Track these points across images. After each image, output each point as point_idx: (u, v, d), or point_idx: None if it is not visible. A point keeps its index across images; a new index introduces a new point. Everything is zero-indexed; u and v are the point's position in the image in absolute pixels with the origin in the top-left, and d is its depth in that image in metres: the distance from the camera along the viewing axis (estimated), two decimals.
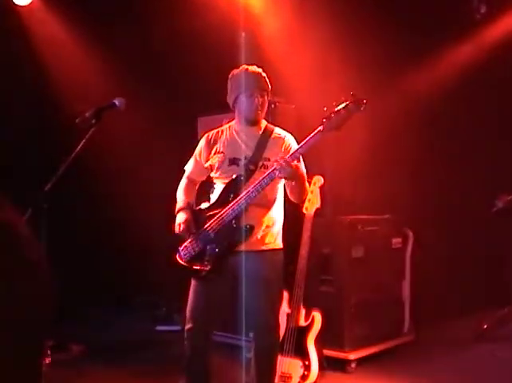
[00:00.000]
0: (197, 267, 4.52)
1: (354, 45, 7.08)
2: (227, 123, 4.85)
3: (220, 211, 4.50)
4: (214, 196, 4.66)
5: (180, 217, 4.64)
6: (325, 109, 4.29)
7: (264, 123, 4.75)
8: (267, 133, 4.66)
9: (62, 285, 5.13)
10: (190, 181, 4.87)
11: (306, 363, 5.32)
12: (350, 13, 7.15)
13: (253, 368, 4.73)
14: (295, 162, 4.35)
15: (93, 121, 4.21)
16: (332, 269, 6.29)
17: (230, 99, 4.71)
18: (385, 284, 6.62)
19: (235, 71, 4.72)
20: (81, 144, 4.15)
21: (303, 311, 5.43)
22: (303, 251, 5.33)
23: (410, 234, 6.85)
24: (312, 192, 5.31)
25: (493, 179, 7.90)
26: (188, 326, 4.58)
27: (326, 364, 5.54)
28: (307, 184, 4.64)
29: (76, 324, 7.74)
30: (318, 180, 5.36)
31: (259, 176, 4.42)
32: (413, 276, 6.88)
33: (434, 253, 7.56)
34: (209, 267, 4.47)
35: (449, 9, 7.64)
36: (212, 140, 4.75)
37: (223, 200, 4.52)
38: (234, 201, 4.44)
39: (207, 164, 4.71)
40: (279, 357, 5.20)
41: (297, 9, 7.17)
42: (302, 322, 5.42)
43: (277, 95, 6.51)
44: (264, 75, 4.68)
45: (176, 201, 4.79)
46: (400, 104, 7.36)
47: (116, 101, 4.29)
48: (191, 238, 4.58)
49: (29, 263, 1.74)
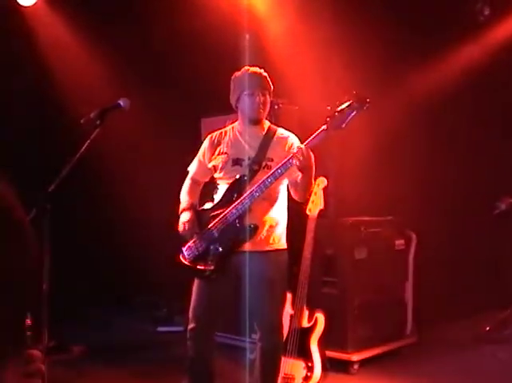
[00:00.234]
0: (201, 267, 4.52)
1: (357, 47, 7.08)
2: (231, 124, 4.85)
3: (224, 211, 4.50)
4: (217, 196, 4.66)
5: (184, 217, 4.63)
6: (329, 108, 4.30)
7: (267, 123, 4.75)
8: (270, 133, 4.67)
9: (63, 285, 5.16)
10: (193, 182, 4.87)
11: (309, 364, 5.31)
12: (353, 14, 7.15)
13: (256, 369, 4.73)
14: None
15: (98, 122, 4.19)
16: (335, 270, 6.29)
17: (233, 99, 4.73)
18: (388, 286, 6.62)
19: (237, 73, 4.74)
20: (86, 145, 4.13)
21: (306, 312, 5.42)
22: (306, 253, 5.32)
23: (413, 236, 6.84)
24: (315, 194, 5.30)
25: (496, 181, 7.91)
26: (191, 326, 4.59)
27: (329, 365, 5.53)
28: (312, 181, 4.61)
29: (76, 324, 7.75)
30: (322, 182, 5.35)
31: (262, 176, 4.41)
32: (416, 278, 6.87)
33: (436, 255, 7.56)
34: (212, 267, 4.47)
35: (453, 10, 7.65)
36: (216, 141, 4.75)
37: (227, 200, 4.53)
38: (238, 201, 4.45)
39: (211, 165, 4.71)
40: (282, 358, 5.21)
41: (301, 10, 7.16)
42: (305, 323, 5.41)
43: (280, 96, 6.51)
44: (265, 75, 4.69)
45: (180, 202, 4.78)
46: (404, 106, 7.36)
47: (121, 102, 4.28)
48: (195, 238, 4.58)
49: (14, 223, 1.76)
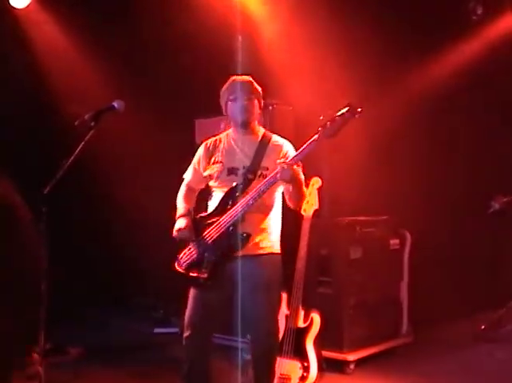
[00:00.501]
0: (194, 275, 4.53)
1: (351, 47, 7.09)
2: (224, 125, 4.86)
3: (218, 219, 4.51)
4: (213, 204, 4.67)
5: (180, 223, 4.64)
6: (321, 118, 4.34)
7: (262, 130, 4.76)
8: (265, 141, 4.67)
9: (60, 286, 5.15)
10: (189, 189, 4.88)
11: (305, 364, 5.31)
12: (349, 13, 7.15)
13: (251, 372, 4.74)
14: (295, 167, 4.38)
15: (92, 124, 4.19)
16: (330, 270, 6.31)
17: (223, 109, 4.75)
18: (383, 285, 6.63)
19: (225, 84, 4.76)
20: (80, 147, 4.13)
21: (302, 312, 5.42)
22: (301, 253, 5.33)
23: (408, 235, 6.86)
24: (310, 194, 5.30)
25: (494, 180, 7.92)
26: (186, 334, 4.59)
27: (325, 365, 5.53)
28: (305, 189, 4.65)
29: (73, 325, 7.75)
30: (316, 182, 5.35)
31: (257, 185, 4.43)
32: (411, 277, 6.89)
33: (433, 254, 7.58)
34: (206, 275, 4.48)
35: (446, 10, 7.66)
36: (211, 149, 4.76)
37: (222, 208, 4.53)
38: (233, 209, 4.46)
39: (206, 173, 4.71)
40: (278, 359, 5.22)
41: (295, 9, 7.16)
42: (301, 324, 5.41)
43: (274, 97, 6.52)
44: (250, 80, 4.70)
45: (176, 208, 4.79)
46: (401, 105, 7.37)
47: (115, 104, 4.28)
48: (190, 245, 4.59)
49: (17, 221, 1.82)
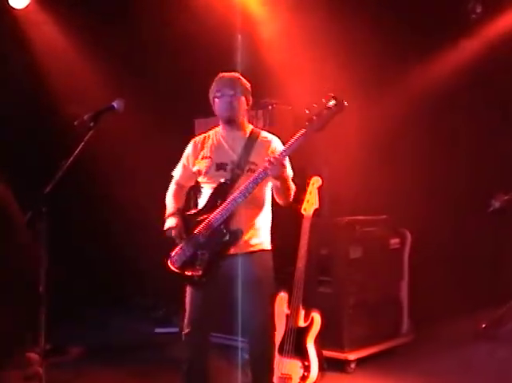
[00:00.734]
0: (189, 273, 4.53)
1: (351, 47, 7.09)
2: (213, 128, 4.88)
3: (209, 216, 4.51)
4: (202, 201, 4.69)
5: (171, 222, 4.67)
6: (307, 112, 4.35)
7: (250, 127, 4.79)
8: (253, 137, 4.69)
9: (60, 286, 5.15)
10: (179, 187, 4.90)
11: (306, 364, 5.32)
12: (349, 13, 7.16)
13: (249, 371, 4.76)
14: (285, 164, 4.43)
15: (92, 124, 4.19)
16: (330, 270, 6.31)
17: (212, 106, 4.78)
18: (383, 284, 6.63)
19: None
20: (80, 147, 4.13)
21: (302, 312, 5.42)
22: (302, 252, 5.32)
23: (408, 234, 6.85)
24: (310, 193, 5.31)
25: (496, 178, 7.92)
26: (186, 331, 4.62)
27: (326, 365, 5.54)
28: (292, 185, 4.65)
29: (74, 325, 7.74)
30: (316, 181, 5.35)
31: (246, 181, 4.44)
32: (411, 276, 6.88)
33: (433, 253, 7.58)
34: (200, 272, 4.49)
35: (445, 9, 7.66)
36: (199, 145, 4.78)
37: (211, 205, 4.55)
38: (222, 206, 4.46)
39: (195, 169, 4.74)
40: (279, 358, 5.24)
41: (295, 11, 7.17)
42: (301, 323, 5.41)
43: (274, 96, 6.51)
44: (237, 76, 4.73)
45: (166, 206, 4.82)
46: (399, 105, 7.37)
47: (115, 104, 4.28)
48: (182, 243, 4.60)
49: (10, 223, 1.84)
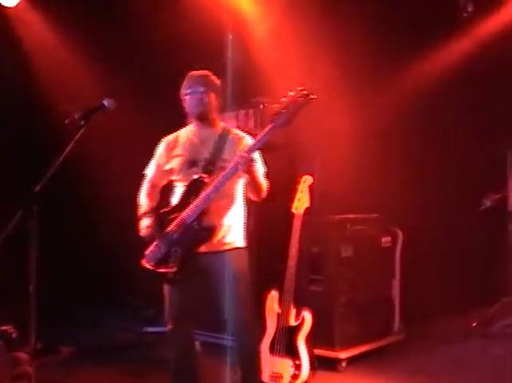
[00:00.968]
0: (163, 270, 4.54)
1: (343, 47, 7.09)
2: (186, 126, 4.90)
3: (182, 214, 4.52)
4: (175, 199, 4.71)
5: (145, 221, 4.71)
6: (276, 105, 4.40)
7: (222, 124, 4.82)
8: (225, 134, 4.72)
9: (51, 285, 5.14)
10: (151, 185, 4.91)
11: (297, 362, 5.32)
12: (340, 13, 7.16)
13: (238, 369, 4.80)
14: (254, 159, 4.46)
15: (82, 123, 4.18)
16: (321, 268, 6.31)
17: (182, 102, 4.82)
18: (375, 283, 6.64)
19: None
20: (71, 145, 4.12)
21: (293, 311, 5.42)
22: (293, 251, 5.33)
23: (399, 233, 6.86)
24: (301, 191, 5.33)
25: (483, 177, 7.94)
26: (168, 328, 4.69)
27: (317, 363, 5.54)
28: (264, 181, 4.67)
29: (65, 324, 7.73)
30: (307, 179, 5.37)
31: (218, 177, 4.46)
32: (403, 275, 6.89)
33: (424, 251, 7.59)
34: (174, 269, 4.50)
35: (437, 8, 7.67)
36: (171, 144, 4.82)
37: (184, 202, 4.56)
38: (195, 202, 4.48)
39: (168, 167, 4.77)
40: (270, 357, 5.24)
41: (287, 10, 7.16)
42: (292, 322, 5.41)
43: (265, 95, 6.51)
44: (206, 74, 4.77)
45: (139, 205, 4.86)
46: (391, 104, 7.38)
47: (105, 102, 4.27)
48: (156, 241, 4.60)
49: None
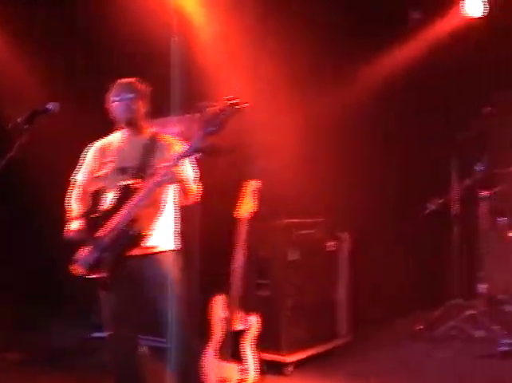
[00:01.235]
0: (95, 276, 4.53)
1: (286, 48, 7.10)
2: (114, 132, 4.89)
3: (112, 219, 4.51)
4: (105, 205, 4.70)
5: (75, 225, 4.71)
6: (202, 114, 4.44)
7: (151, 130, 4.83)
8: (154, 140, 4.75)
9: None
10: (81, 191, 4.90)
11: (243, 367, 5.30)
12: (283, 14, 7.16)
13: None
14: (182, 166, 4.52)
15: (26, 126, 4.14)
16: (268, 273, 6.33)
17: (109, 109, 4.82)
18: (321, 287, 6.67)
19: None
20: (14, 150, 4.08)
21: (240, 315, 5.42)
22: (238, 255, 5.33)
23: (346, 236, 6.90)
24: (245, 196, 5.34)
25: (427, 182, 8.05)
26: (106, 334, 4.74)
27: (265, 367, 5.54)
28: (191, 187, 4.72)
29: (11, 331, 7.63)
30: (252, 184, 5.38)
31: (148, 183, 4.47)
32: (351, 278, 6.93)
33: (372, 255, 7.65)
34: (105, 275, 4.50)
35: (384, 12, 7.76)
36: (101, 150, 4.83)
37: (115, 208, 4.55)
38: (125, 209, 4.48)
39: (98, 174, 4.78)
40: (217, 362, 5.22)
41: (231, 11, 7.16)
42: (239, 326, 5.40)
43: (210, 99, 6.50)
44: (132, 81, 4.78)
45: (68, 210, 4.84)
46: (338, 106, 7.40)
47: (50, 106, 4.24)
48: (87, 247, 4.58)
49: None
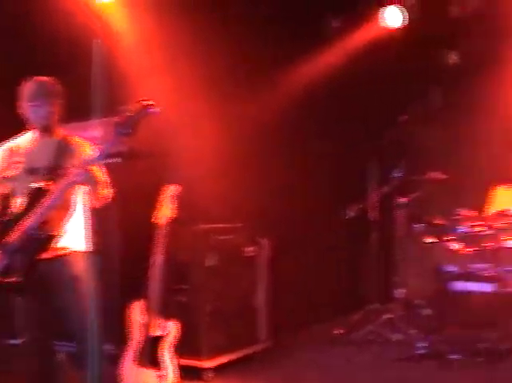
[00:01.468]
0: (8, 281, 4.45)
1: (207, 55, 7.10)
2: (25, 133, 4.86)
3: (23, 222, 4.45)
4: (16, 208, 4.62)
5: None
6: (115, 118, 4.38)
7: (62, 132, 4.80)
8: (65, 142, 4.72)
9: None
10: None
11: (162, 373, 5.29)
12: (205, 24, 7.17)
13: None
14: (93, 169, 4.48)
15: None
16: (187, 278, 6.32)
17: (21, 109, 4.74)
18: (240, 292, 6.68)
19: (26, 82, 4.75)
20: None
21: (159, 321, 5.40)
22: (156, 261, 5.33)
23: (265, 242, 6.94)
24: (163, 201, 5.34)
25: (345, 188, 8.15)
26: (24, 339, 4.71)
27: (183, 373, 5.53)
28: (103, 189, 4.69)
29: None
30: (171, 189, 5.38)
31: (58, 185, 4.43)
32: (270, 283, 6.97)
33: (293, 260, 7.69)
34: (17, 279, 4.43)
35: (303, 22, 7.84)
36: (11, 151, 4.76)
37: (25, 211, 4.49)
38: (36, 211, 4.43)
39: (7, 175, 4.70)
40: (135, 368, 5.21)
41: (153, 16, 7.14)
42: (158, 332, 5.38)
43: (131, 102, 6.48)
44: (53, 83, 4.74)
45: None
46: (255, 113, 7.43)
47: None
48: None
49: None
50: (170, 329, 5.40)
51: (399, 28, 8.47)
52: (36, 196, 4.47)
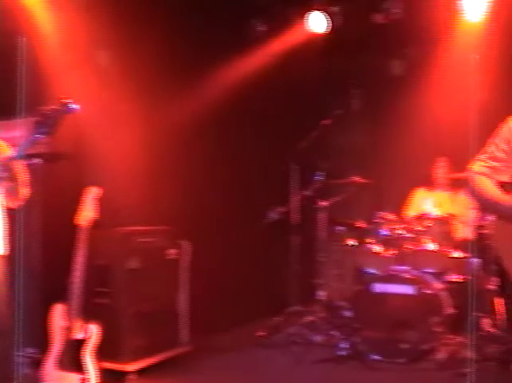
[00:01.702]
0: None
1: (135, 54, 7.05)
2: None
3: None
4: None
5: None
6: (36, 116, 4.37)
7: None
8: None
9: None
10: None
11: (84, 377, 5.24)
12: (134, 20, 7.12)
13: None
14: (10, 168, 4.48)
15: None
16: (108, 281, 6.26)
17: None
18: (161, 295, 6.65)
19: None
20: None
21: (80, 324, 5.34)
22: (77, 263, 5.27)
23: (186, 245, 6.92)
24: (84, 203, 5.29)
25: (268, 191, 8.20)
26: None
27: (105, 376, 5.48)
28: (20, 189, 4.65)
29: None
30: (92, 191, 5.33)
31: None
32: (192, 287, 6.95)
33: (214, 263, 7.68)
34: None
35: (229, 25, 7.85)
36: None
37: None
38: None
39: None
40: (57, 372, 5.14)
41: (81, 15, 7.05)
42: (79, 335, 5.32)
43: (56, 103, 6.40)
44: None
45: None
46: (177, 116, 7.39)
47: None
48: None
49: None
50: (91, 332, 5.34)
51: (323, 33, 8.57)
52: None
